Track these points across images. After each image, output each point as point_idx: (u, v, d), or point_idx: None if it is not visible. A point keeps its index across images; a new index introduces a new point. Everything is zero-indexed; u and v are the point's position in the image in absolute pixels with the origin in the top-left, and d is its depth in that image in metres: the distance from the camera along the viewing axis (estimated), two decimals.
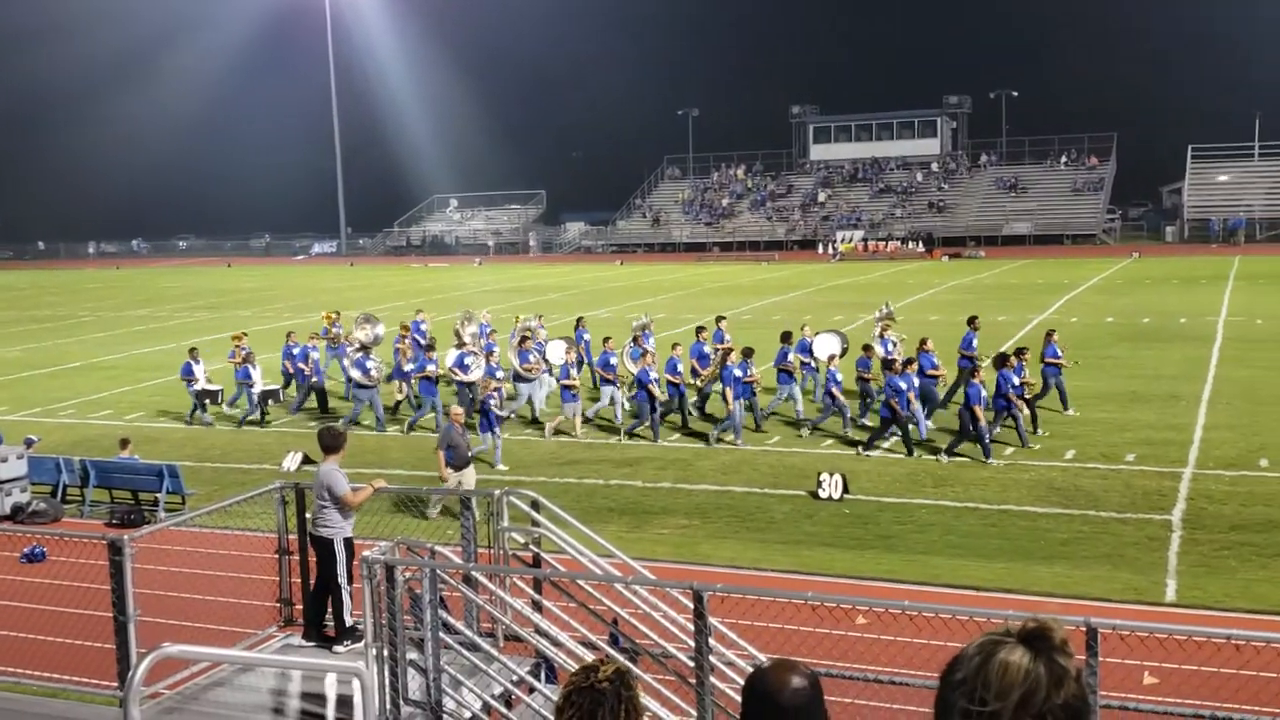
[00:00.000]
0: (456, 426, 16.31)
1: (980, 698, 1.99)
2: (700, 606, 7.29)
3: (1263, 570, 13.64)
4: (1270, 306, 37.51)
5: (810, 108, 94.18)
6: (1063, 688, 1.98)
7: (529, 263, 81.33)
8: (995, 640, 2.04)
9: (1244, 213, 72.78)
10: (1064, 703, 1.98)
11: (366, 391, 23.07)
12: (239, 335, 26.20)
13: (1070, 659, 2.01)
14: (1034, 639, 2.02)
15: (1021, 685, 1.97)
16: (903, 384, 19.54)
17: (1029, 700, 1.96)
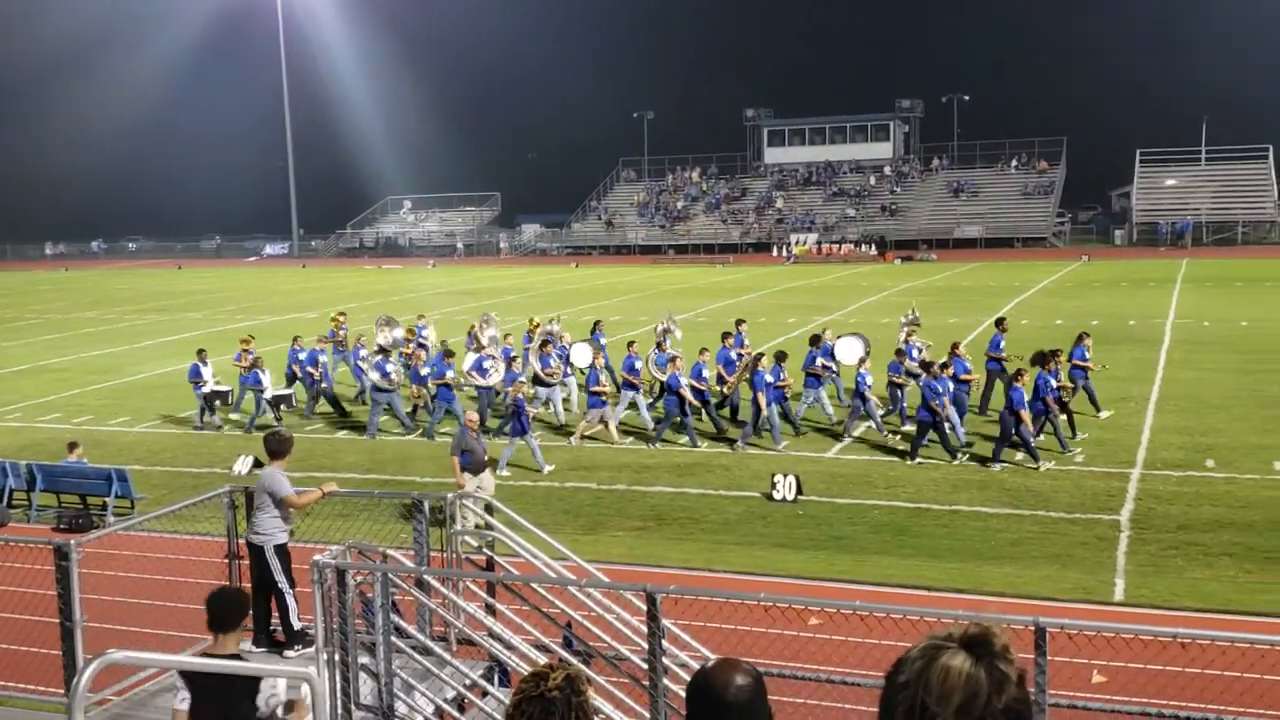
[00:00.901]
0: (471, 431, 16.03)
1: (922, 701, 2.00)
2: (653, 609, 7.29)
3: (1209, 569, 13.85)
4: (1217, 309, 38.11)
5: (764, 111, 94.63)
6: (1004, 692, 1.99)
7: (484, 265, 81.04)
8: (937, 644, 2.05)
9: (1191, 216, 73.89)
10: (1005, 707, 1.99)
11: (385, 395, 22.55)
12: (246, 339, 25.50)
13: (1012, 664, 2.02)
14: (976, 644, 2.03)
15: (962, 690, 1.98)
16: (940, 387, 19.13)
17: (970, 705, 1.97)
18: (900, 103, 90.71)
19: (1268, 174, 76.21)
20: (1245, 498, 16.64)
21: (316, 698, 6.22)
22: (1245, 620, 11.99)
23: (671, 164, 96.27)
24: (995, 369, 22.31)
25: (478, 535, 9.97)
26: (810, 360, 21.91)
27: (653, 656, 7.36)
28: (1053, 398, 19.22)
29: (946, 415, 19.17)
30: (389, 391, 22.58)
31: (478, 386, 22.66)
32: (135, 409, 26.72)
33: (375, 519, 15.49)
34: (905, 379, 21.72)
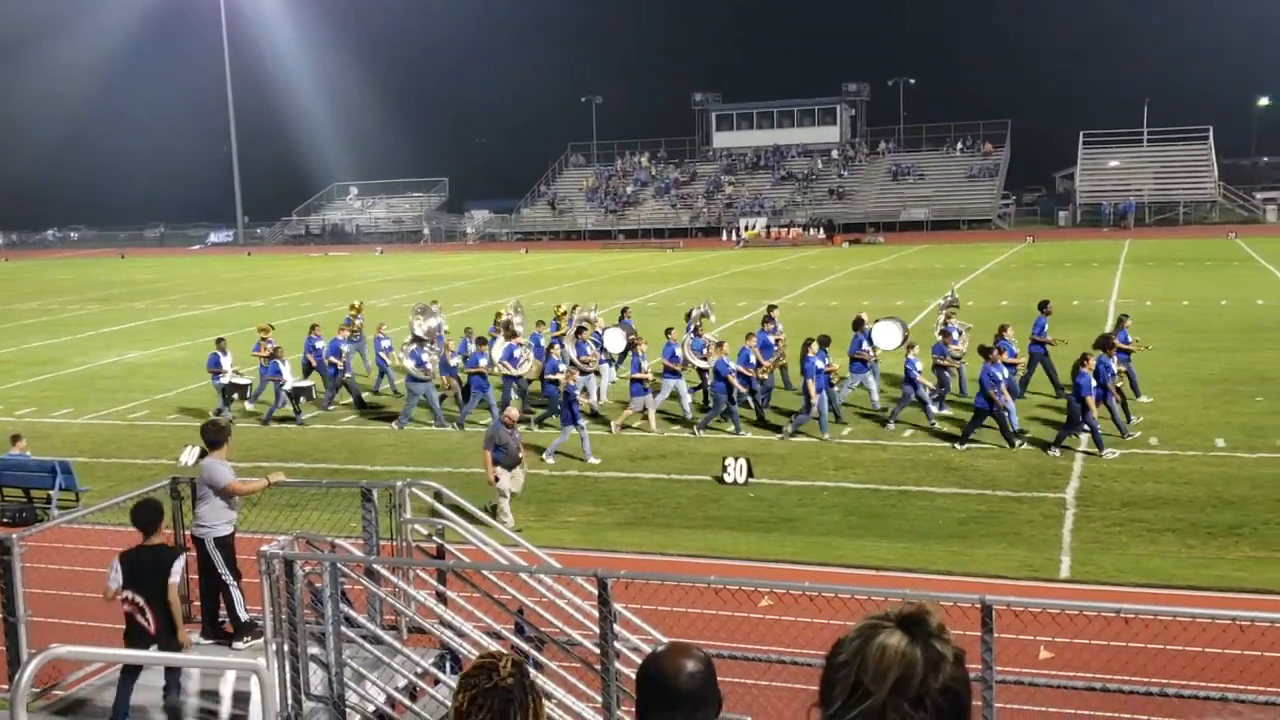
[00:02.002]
0: (506, 426, 15.67)
1: (859, 680, 2.01)
2: (604, 593, 7.30)
3: (1153, 545, 14.09)
4: (1159, 289, 38.69)
5: (713, 95, 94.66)
6: (940, 671, 2.00)
7: (432, 251, 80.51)
8: (874, 624, 2.06)
9: (1134, 197, 74.88)
10: (942, 686, 2.00)
11: (421, 385, 21.81)
12: (265, 328, 24.60)
13: (948, 643, 2.03)
14: (912, 623, 2.04)
15: (898, 668, 1.99)
16: (999, 374, 18.66)
17: (905, 683, 1.98)
18: (846, 87, 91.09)
19: (1208, 155, 77.39)
20: (1188, 474, 16.93)
21: (265, 689, 6.18)
22: (1188, 595, 12.22)
23: (620, 148, 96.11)
24: (1039, 352, 21.93)
25: (428, 523, 9.92)
26: (856, 345, 21.48)
27: (604, 641, 7.37)
28: (1111, 382, 18.60)
29: (1004, 404, 18.62)
30: (424, 381, 21.82)
31: (507, 376, 22.03)
32: (79, 400, 26.32)
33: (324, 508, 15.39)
34: (951, 361, 21.26)
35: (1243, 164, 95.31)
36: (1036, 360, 22.13)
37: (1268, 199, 77.26)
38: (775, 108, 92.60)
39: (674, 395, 21.57)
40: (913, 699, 1.98)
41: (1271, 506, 15.24)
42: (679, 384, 21.48)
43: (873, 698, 1.99)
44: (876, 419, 21.03)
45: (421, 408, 22.28)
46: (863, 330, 21.76)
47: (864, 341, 21.51)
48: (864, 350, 21.43)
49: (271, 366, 23.10)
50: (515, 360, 22.02)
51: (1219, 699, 8.21)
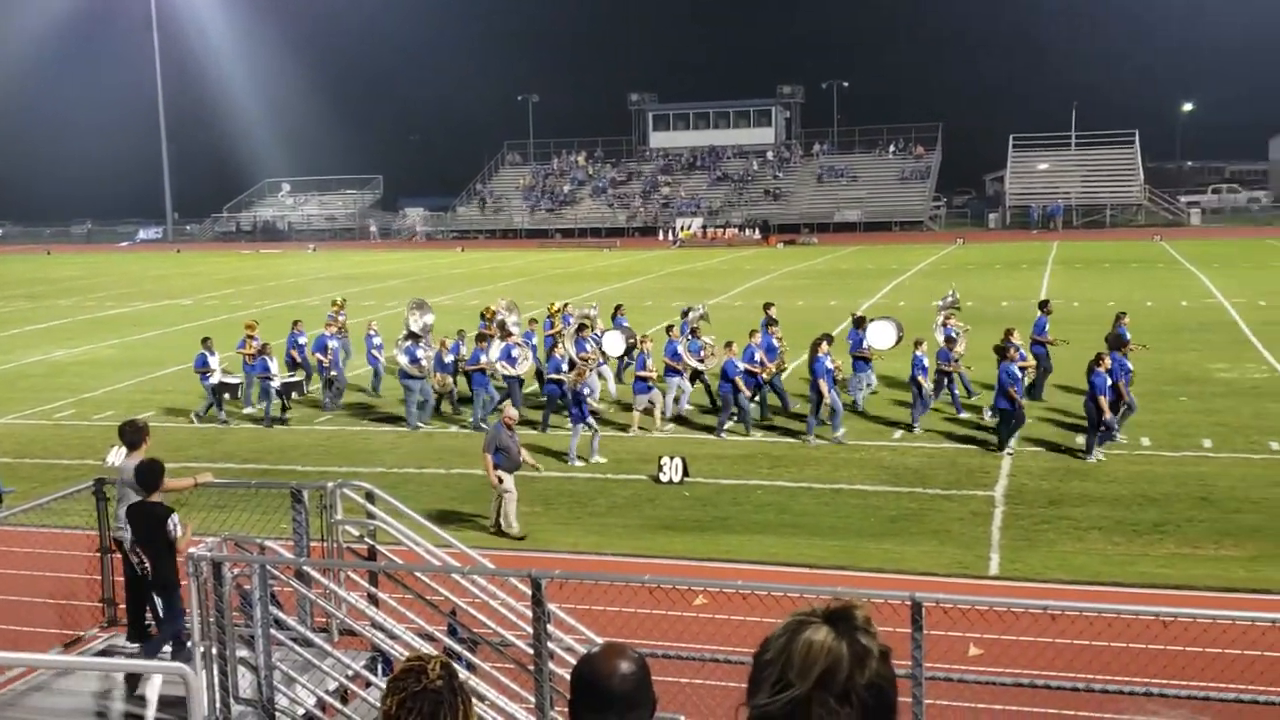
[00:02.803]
0: (507, 429, 15.09)
1: (784, 676, 2.02)
2: (538, 594, 7.28)
3: (1079, 543, 14.34)
4: (1086, 290, 39.38)
5: (649, 95, 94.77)
6: (865, 667, 2.01)
7: (365, 249, 79.73)
8: (801, 620, 2.07)
9: (1062, 200, 76.14)
10: (868, 682, 2.01)
11: (416, 382, 21.46)
12: (251, 324, 23.80)
13: (874, 638, 2.05)
14: (837, 618, 2.05)
15: (823, 663, 2.00)
16: (1018, 373, 18.39)
17: (830, 678, 1.99)
18: (781, 89, 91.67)
19: (1134, 159, 78.92)
20: (1113, 473, 17.26)
21: (192, 692, 6.08)
22: (1113, 592, 12.46)
23: (557, 147, 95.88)
24: (1040, 353, 21.85)
25: (359, 524, 9.83)
26: (857, 343, 21.29)
27: (538, 641, 7.35)
28: (1122, 382, 18.18)
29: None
30: (419, 378, 21.47)
31: (506, 376, 21.66)
32: (2, 400, 25.72)
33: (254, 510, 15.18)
34: (955, 367, 20.96)
35: (1168, 168, 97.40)
36: (1039, 361, 21.94)
37: (1191, 202, 79.03)
38: (711, 109, 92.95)
39: (678, 393, 21.37)
40: (838, 694, 1.99)
41: (1195, 504, 15.58)
42: (681, 382, 21.32)
43: (798, 692, 1.99)
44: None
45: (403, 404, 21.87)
46: (864, 329, 21.57)
47: (864, 340, 21.31)
48: (864, 349, 21.23)
49: (259, 364, 22.44)
50: (513, 360, 21.68)
51: (1143, 694, 8.38)
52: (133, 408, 23.52)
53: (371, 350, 24.68)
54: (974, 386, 21.92)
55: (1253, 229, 68.25)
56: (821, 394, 19.23)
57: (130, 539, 9.61)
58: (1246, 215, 78.90)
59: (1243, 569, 13.22)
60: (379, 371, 24.78)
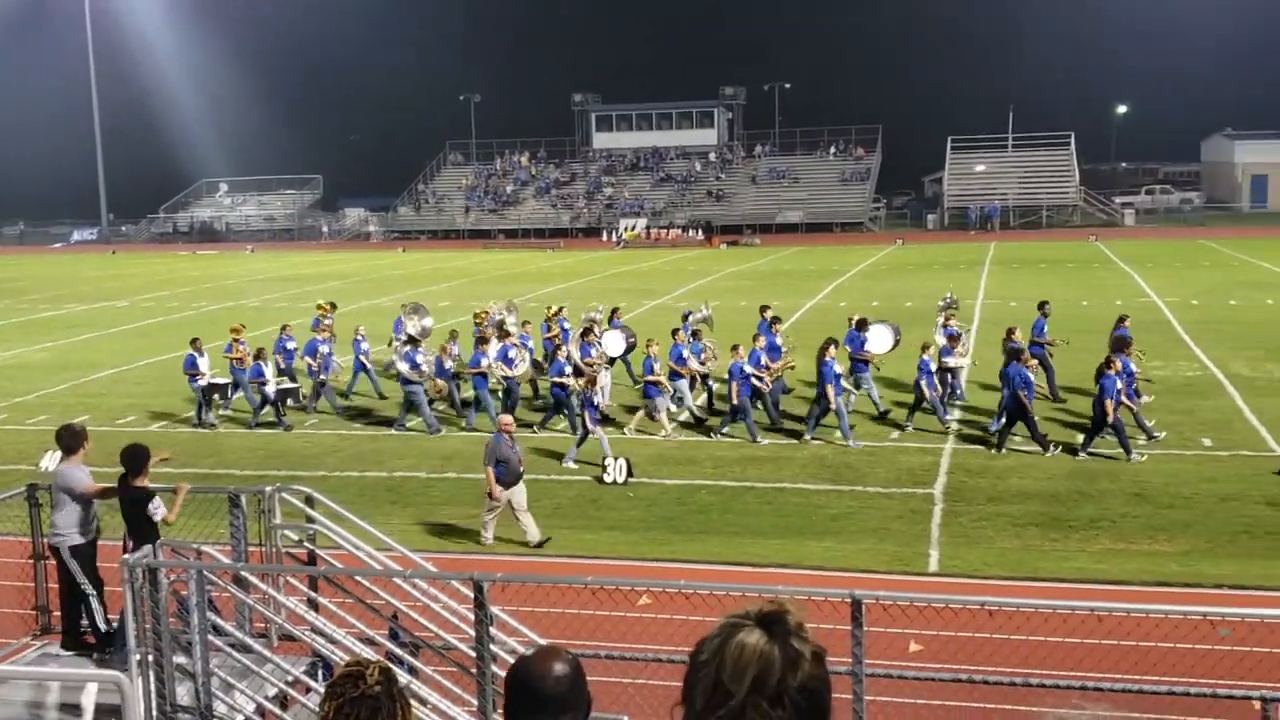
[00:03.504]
0: (506, 438, 14.59)
1: (719, 679, 2.03)
2: (480, 596, 7.26)
3: (1017, 539, 14.55)
4: (1022, 289, 39.90)
5: (592, 96, 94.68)
6: (798, 670, 2.02)
7: (305, 250, 78.90)
8: (734, 623, 2.08)
9: (999, 201, 77.12)
10: (800, 685, 2.02)
11: (414, 387, 20.97)
12: (238, 328, 23.22)
13: (806, 642, 2.06)
14: (771, 622, 2.06)
15: (755, 666, 2.01)
16: (1030, 375, 18.29)
17: (763, 681, 2.01)
18: (724, 90, 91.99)
19: (1070, 160, 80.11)
20: (1050, 469, 17.52)
21: (127, 700, 5.99)
22: (1050, 587, 12.65)
23: (500, 148, 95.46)
24: (1039, 354, 21.65)
25: (298, 528, 9.73)
26: (858, 346, 20.96)
27: (480, 645, 7.32)
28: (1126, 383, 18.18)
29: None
30: (417, 384, 21.02)
31: (504, 378, 21.27)
32: None
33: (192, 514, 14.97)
34: (960, 364, 20.85)
35: (1102, 169, 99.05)
36: (1041, 361, 21.77)
37: (1126, 203, 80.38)
38: (654, 110, 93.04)
39: (679, 397, 21.18)
40: (771, 697, 2.00)
41: (1129, 501, 15.86)
42: (682, 385, 21.12)
43: (733, 697, 2.01)
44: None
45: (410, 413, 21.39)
46: (866, 331, 21.34)
47: (864, 344, 21.11)
48: (865, 351, 21.03)
49: (254, 369, 21.70)
50: (510, 361, 21.36)
51: (1079, 687, 8.52)
52: (66, 412, 23.09)
53: (358, 355, 24.06)
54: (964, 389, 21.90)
55: (1185, 229, 69.59)
56: (828, 397, 19.01)
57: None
58: (1179, 216, 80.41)
59: (1175, 563, 13.49)
60: (369, 373, 24.18)
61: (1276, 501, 15.57)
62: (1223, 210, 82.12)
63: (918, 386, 19.87)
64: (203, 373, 21.96)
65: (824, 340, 19.82)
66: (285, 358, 23.27)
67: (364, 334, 24.37)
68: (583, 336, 21.82)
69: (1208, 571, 13.14)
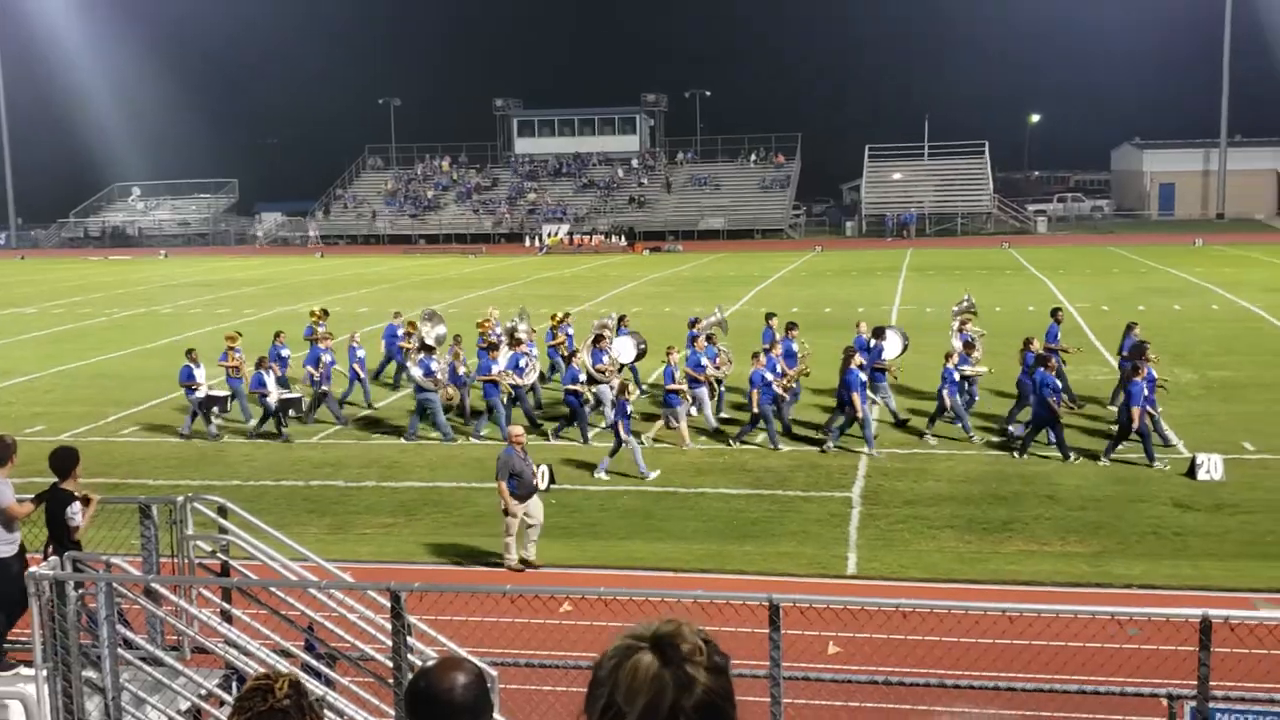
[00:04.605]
0: (518, 450, 14.07)
1: (612, 699, 2.05)
2: (397, 606, 7.19)
3: (932, 541, 14.78)
4: (938, 296, 40.54)
5: (514, 101, 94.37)
6: (691, 692, 2.04)
7: (220, 255, 77.57)
8: (630, 644, 2.09)
9: (915, 208, 78.29)
10: (697, 704, 2.04)
11: (433, 394, 20.48)
12: (233, 336, 22.49)
13: (700, 666, 2.06)
14: (664, 644, 2.08)
15: (647, 691, 2.03)
16: (1056, 381, 18.21)
17: (656, 705, 2.02)
18: (645, 97, 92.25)
19: (984, 169, 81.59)
20: (965, 473, 17.83)
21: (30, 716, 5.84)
22: (965, 589, 12.86)
23: (420, 152, 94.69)
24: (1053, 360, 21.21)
25: (211, 539, 9.56)
26: (876, 354, 20.81)
27: (397, 655, 7.26)
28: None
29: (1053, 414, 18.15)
30: (432, 391, 20.52)
31: (513, 386, 20.86)
32: None
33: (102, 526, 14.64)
34: (975, 371, 20.59)
35: (1016, 177, 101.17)
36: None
37: (1038, 210, 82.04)
38: (576, 115, 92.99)
39: (697, 404, 20.90)
40: (665, 717, 2.02)
41: (1041, 503, 16.19)
42: (702, 392, 20.88)
43: (626, 716, 2.02)
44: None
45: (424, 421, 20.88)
46: (884, 338, 21.28)
47: (883, 351, 21.01)
48: (883, 360, 20.88)
49: (255, 379, 21.03)
50: (521, 369, 21.03)
51: (992, 688, 8.67)
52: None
53: (353, 363, 23.41)
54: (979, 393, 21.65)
55: (1096, 236, 71.25)
56: (855, 406, 18.77)
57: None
58: (1090, 223, 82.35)
59: (1086, 564, 13.79)
60: (362, 382, 23.63)
61: (1184, 503, 16.01)
62: (1132, 218, 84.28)
63: (940, 395, 19.73)
64: (200, 384, 21.20)
65: (845, 350, 19.80)
66: (281, 366, 22.58)
67: (359, 341, 23.88)
68: (595, 343, 21.48)
69: (1118, 572, 13.46)
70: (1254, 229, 73.36)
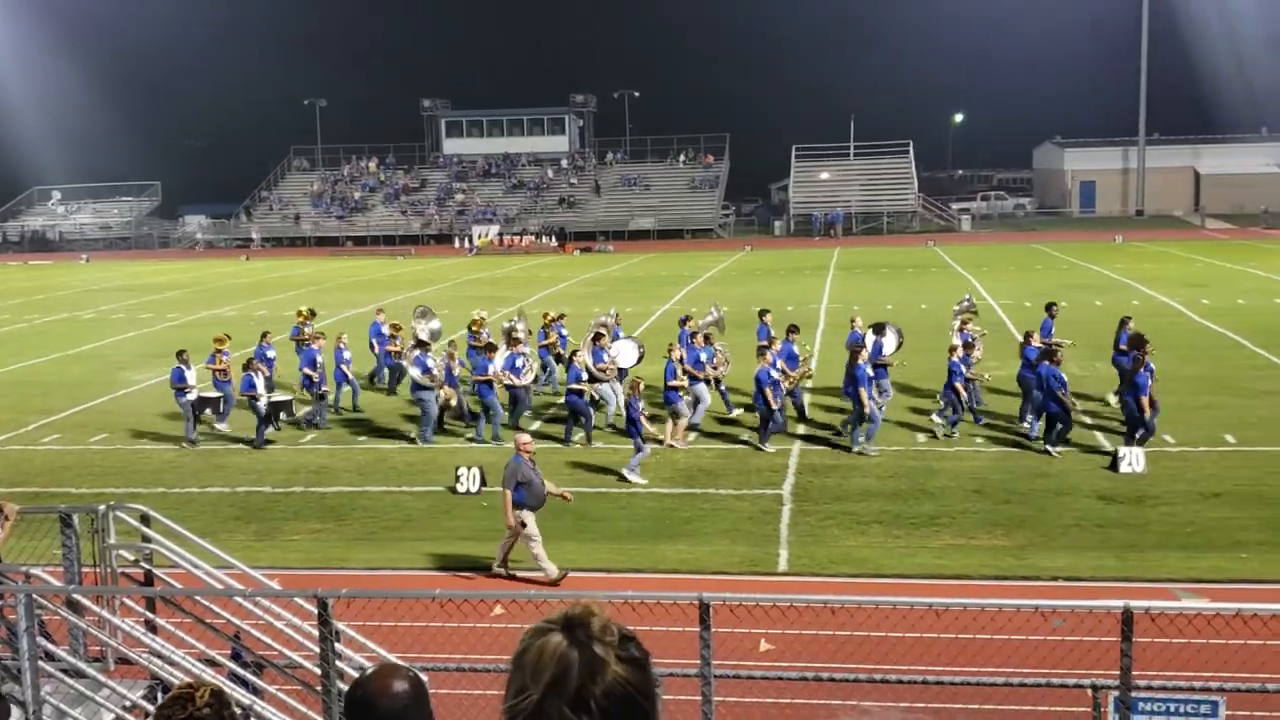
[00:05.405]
0: (526, 458, 13.63)
1: (523, 681, 2.06)
2: (325, 613, 7.12)
3: (862, 536, 14.94)
4: (865, 293, 41.02)
5: (441, 102, 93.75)
6: (600, 675, 2.04)
7: (142, 259, 76.16)
8: (541, 626, 2.11)
9: (842, 208, 79.05)
10: (607, 689, 2.04)
11: (430, 393, 20.11)
12: (221, 338, 21.91)
13: (610, 647, 2.07)
14: (573, 625, 2.09)
15: (552, 670, 2.04)
16: (1064, 376, 18.17)
17: (561, 685, 2.03)
18: (574, 97, 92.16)
19: (909, 168, 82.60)
20: (893, 468, 18.04)
21: None
22: (893, 583, 13.02)
23: (347, 153, 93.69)
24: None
25: (134, 548, 9.38)
26: (877, 350, 20.64)
27: (325, 662, 7.19)
28: None
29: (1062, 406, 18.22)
30: (429, 389, 20.14)
31: (509, 387, 20.58)
32: None
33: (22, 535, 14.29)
34: (976, 373, 20.53)
35: (939, 176, 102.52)
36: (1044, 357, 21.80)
37: (962, 209, 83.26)
38: (504, 116, 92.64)
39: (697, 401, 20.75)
40: (572, 701, 2.02)
41: (967, 497, 16.43)
42: (700, 389, 20.73)
43: (531, 696, 2.03)
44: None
45: (412, 421, 20.66)
46: (883, 335, 21.23)
47: (883, 348, 20.98)
48: (884, 356, 20.83)
49: (245, 381, 20.40)
50: (518, 370, 20.74)
51: (920, 681, 8.78)
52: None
53: (340, 365, 22.93)
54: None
55: (1019, 234, 72.45)
56: (862, 402, 18.71)
57: None
58: (1013, 221, 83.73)
59: (1013, 557, 14.03)
60: (352, 385, 23.18)
61: (1107, 495, 16.34)
62: (1053, 215, 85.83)
63: (953, 390, 19.69)
64: (191, 386, 20.68)
65: (853, 347, 19.77)
66: (269, 367, 22.14)
67: (345, 343, 23.41)
68: (594, 341, 21.25)
69: (1043, 564, 13.70)
70: (1172, 225, 75.09)
